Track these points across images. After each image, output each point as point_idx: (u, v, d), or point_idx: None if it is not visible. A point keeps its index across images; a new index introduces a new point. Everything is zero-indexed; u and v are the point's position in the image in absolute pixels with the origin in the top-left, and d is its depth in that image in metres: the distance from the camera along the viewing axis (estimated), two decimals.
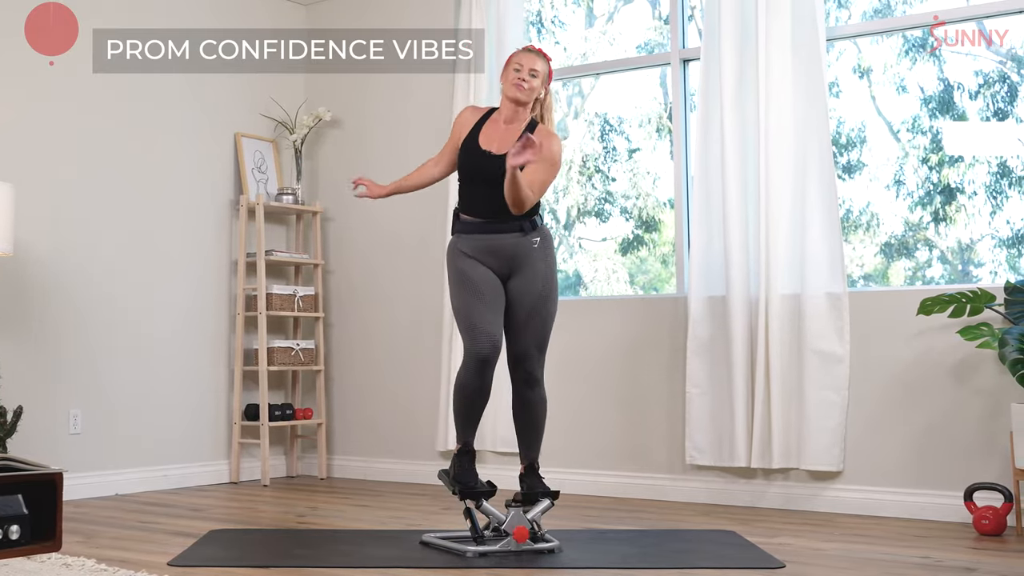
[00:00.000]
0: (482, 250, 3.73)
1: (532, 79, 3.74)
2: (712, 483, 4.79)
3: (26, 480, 3.49)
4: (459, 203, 3.83)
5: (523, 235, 3.73)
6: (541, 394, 3.79)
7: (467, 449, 3.75)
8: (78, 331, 5.03)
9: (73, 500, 4.79)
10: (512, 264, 3.73)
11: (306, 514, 4.54)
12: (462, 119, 3.89)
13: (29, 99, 4.92)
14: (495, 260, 3.73)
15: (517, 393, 3.79)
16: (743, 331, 4.64)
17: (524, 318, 3.72)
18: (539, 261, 3.75)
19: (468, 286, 3.70)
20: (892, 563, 3.40)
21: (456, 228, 3.82)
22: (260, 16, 6.00)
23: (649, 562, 3.43)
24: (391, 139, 5.89)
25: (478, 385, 3.66)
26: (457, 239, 3.80)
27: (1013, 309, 4.06)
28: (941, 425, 4.31)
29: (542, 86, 3.79)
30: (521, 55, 3.80)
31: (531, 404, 3.76)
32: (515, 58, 3.80)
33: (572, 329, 5.22)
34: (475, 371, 3.63)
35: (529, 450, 3.79)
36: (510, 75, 3.77)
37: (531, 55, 3.78)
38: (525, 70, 3.74)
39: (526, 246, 3.73)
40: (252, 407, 5.67)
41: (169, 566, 3.36)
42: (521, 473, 3.79)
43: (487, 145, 3.76)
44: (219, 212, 5.73)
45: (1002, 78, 4.64)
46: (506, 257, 3.73)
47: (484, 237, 3.73)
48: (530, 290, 3.72)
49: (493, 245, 3.72)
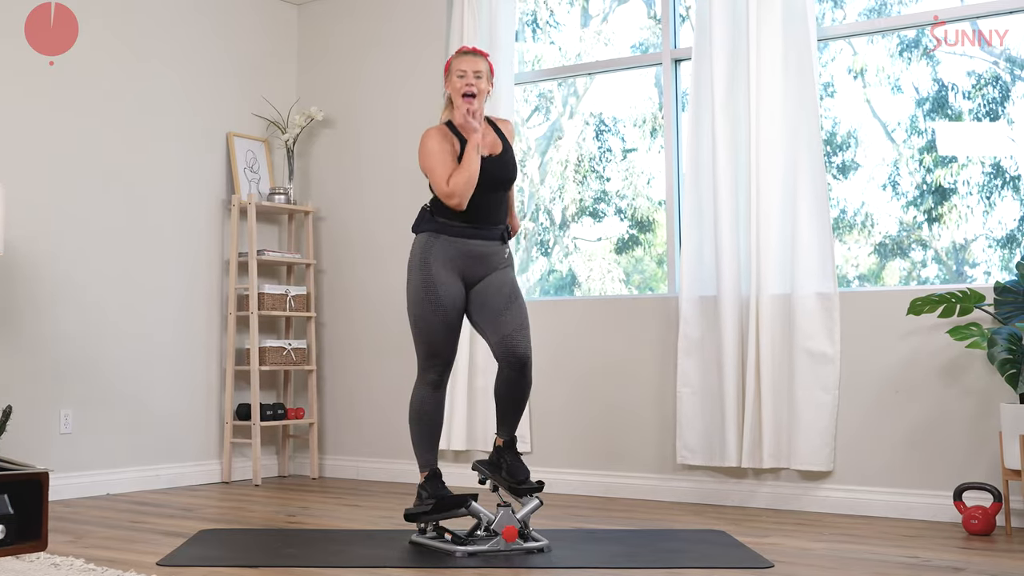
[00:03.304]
0: (465, 253, 3.71)
1: (478, 81, 3.73)
2: (702, 483, 4.79)
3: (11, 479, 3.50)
4: (440, 209, 3.72)
5: (501, 244, 3.78)
6: (530, 377, 3.73)
7: (435, 472, 3.74)
8: (69, 330, 5.02)
9: (63, 500, 4.78)
10: (485, 270, 3.75)
11: (297, 514, 4.54)
12: (443, 132, 3.77)
13: (22, 99, 4.91)
14: (474, 265, 3.72)
15: (506, 378, 3.69)
16: (734, 331, 4.64)
17: (504, 303, 3.71)
18: (508, 268, 3.81)
19: (436, 306, 3.67)
20: (881, 563, 3.40)
21: (432, 227, 3.72)
22: (252, 16, 6.00)
23: (639, 562, 3.43)
24: (383, 139, 5.89)
25: (435, 404, 3.74)
26: (433, 239, 3.71)
27: (1003, 309, 4.07)
28: (931, 425, 4.31)
29: (488, 83, 3.78)
30: (461, 60, 3.76)
31: (520, 387, 3.71)
32: (456, 65, 3.77)
33: (563, 329, 5.22)
34: (433, 391, 3.73)
35: (511, 427, 3.77)
36: (456, 84, 3.74)
37: (471, 58, 3.76)
38: (469, 74, 3.73)
39: (501, 255, 3.78)
40: (244, 407, 5.66)
41: (158, 566, 3.35)
42: (499, 445, 3.77)
43: (484, 152, 3.75)
44: (211, 211, 5.73)
45: (995, 79, 4.64)
46: (483, 263, 3.74)
47: (471, 242, 3.71)
48: (502, 288, 3.73)
49: (478, 251, 3.72)
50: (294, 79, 6.21)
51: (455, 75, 3.75)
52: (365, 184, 5.91)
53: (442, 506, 3.61)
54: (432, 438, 3.78)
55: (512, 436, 3.78)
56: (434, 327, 3.69)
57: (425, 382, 3.76)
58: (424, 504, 3.67)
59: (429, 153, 3.73)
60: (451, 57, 3.84)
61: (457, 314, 3.73)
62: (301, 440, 6.02)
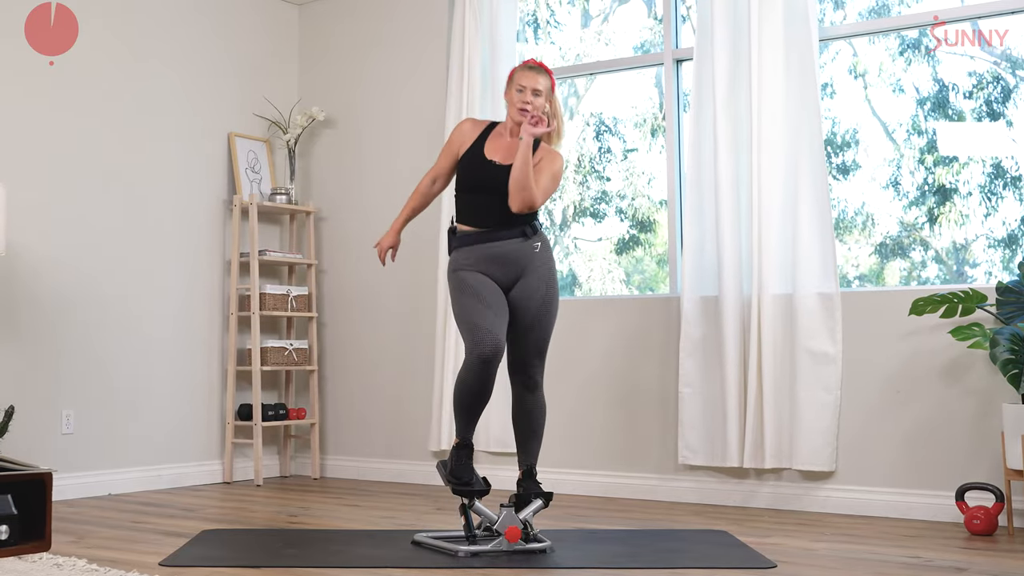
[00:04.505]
0: (484, 259, 3.71)
1: (536, 98, 3.74)
2: (704, 483, 4.79)
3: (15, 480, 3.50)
4: (457, 215, 3.81)
5: (524, 240, 3.74)
6: (541, 399, 3.80)
7: (466, 443, 3.72)
8: (71, 331, 5.02)
9: (66, 500, 4.78)
10: (515, 271, 3.72)
11: (298, 514, 4.54)
12: (463, 130, 3.86)
13: (22, 99, 4.91)
14: (498, 268, 3.71)
15: (517, 397, 3.79)
16: (736, 331, 4.64)
17: (527, 325, 3.73)
18: (541, 266, 3.75)
19: (467, 291, 3.68)
20: (883, 563, 3.40)
21: (454, 244, 3.78)
22: (253, 16, 6.00)
23: (641, 562, 3.43)
24: (384, 139, 5.89)
25: (479, 386, 3.62)
26: (456, 255, 3.77)
27: (1004, 309, 4.07)
28: (933, 425, 4.32)
29: (547, 101, 3.78)
30: (522, 75, 3.76)
31: (531, 409, 3.77)
32: (517, 78, 3.77)
33: (566, 329, 5.21)
34: (477, 371, 3.59)
35: (528, 455, 3.79)
36: (514, 97, 3.76)
37: (532, 74, 3.76)
38: (528, 91, 3.73)
39: (527, 251, 3.74)
40: (245, 407, 5.66)
41: (160, 566, 3.35)
42: (519, 478, 3.79)
43: (492, 156, 3.77)
44: (212, 212, 5.73)
45: (996, 79, 4.64)
46: (509, 263, 3.71)
47: (486, 246, 3.71)
48: (533, 296, 3.72)
49: (495, 252, 3.71)
50: (295, 79, 6.21)
51: (514, 88, 3.77)
52: (366, 184, 5.91)
53: (459, 492, 3.65)
54: (468, 414, 3.68)
55: (529, 464, 3.78)
56: (469, 306, 3.64)
57: (467, 362, 3.61)
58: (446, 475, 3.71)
59: (447, 140, 3.94)
60: (516, 67, 3.85)
61: (492, 295, 3.66)
62: (302, 440, 6.02)
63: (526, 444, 3.79)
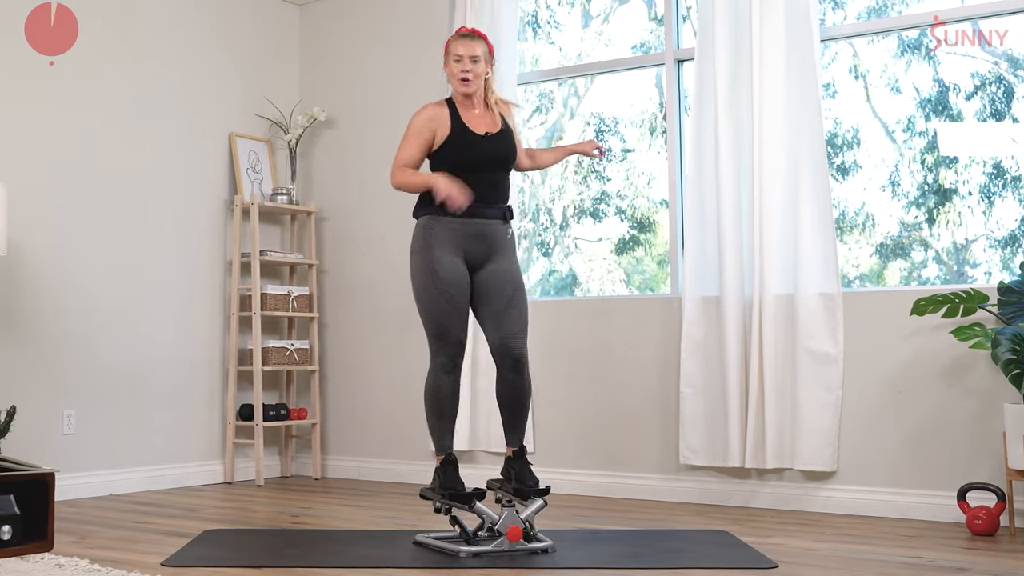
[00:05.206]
0: (468, 234, 3.70)
1: (475, 66, 3.72)
2: (706, 483, 4.79)
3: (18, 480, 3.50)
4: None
5: (504, 223, 3.78)
6: (528, 378, 3.76)
7: (450, 459, 3.71)
8: (72, 331, 5.02)
9: (67, 500, 4.78)
10: (490, 251, 3.74)
11: (300, 514, 4.54)
12: (432, 115, 3.77)
13: (22, 99, 4.91)
14: (477, 245, 3.71)
15: (504, 379, 3.74)
16: (737, 331, 4.64)
17: (505, 303, 3.72)
18: (512, 252, 3.80)
19: (440, 287, 3.66)
20: (885, 563, 3.40)
21: (432, 209, 3.68)
22: (253, 16, 6.00)
23: (642, 562, 3.43)
24: (385, 139, 5.87)
25: (449, 388, 3.69)
26: (434, 222, 3.69)
27: (1006, 309, 4.07)
28: (934, 425, 4.32)
29: (486, 66, 3.76)
30: (457, 43, 3.74)
31: (520, 388, 3.74)
32: (452, 48, 3.76)
33: (566, 329, 5.22)
34: (445, 375, 3.67)
35: (518, 435, 3.77)
36: (453, 68, 3.74)
37: (467, 41, 3.74)
38: (466, 59, 3.72)
39: (503, 235, 3.77)
40: (246, 407, 5.66)
41: (162, 566, 3.35)
42: (509, 456, 3.77)
43: (479, 130, 3.76)
44: (213, 212, 5.73)
45: (997, 79, 4.65)
46: (486, 242, 3.73)
47: (473, 221, 3.70)
48: (508, 279, 3.74)
49: (480, 229, 3.72)
50: (296, 79, 6.21)
51: (452, 59, 3.75)
52: (367, 184, 5.91)
53: (454, 498, 3.62)
54: (444, 422, 3.72)
55: (520, 445, 3.77)
56: (439, 307, 3.67)
57: (436, 366, 3.71)
58: (436, 492, 3.69)
59: (408, 130, 3.82)
60: (449, 38, 3.83)
61: (462, 294, 3.70)
62: (304, 440, 6.02)
63: (515, 423, 3.77)
